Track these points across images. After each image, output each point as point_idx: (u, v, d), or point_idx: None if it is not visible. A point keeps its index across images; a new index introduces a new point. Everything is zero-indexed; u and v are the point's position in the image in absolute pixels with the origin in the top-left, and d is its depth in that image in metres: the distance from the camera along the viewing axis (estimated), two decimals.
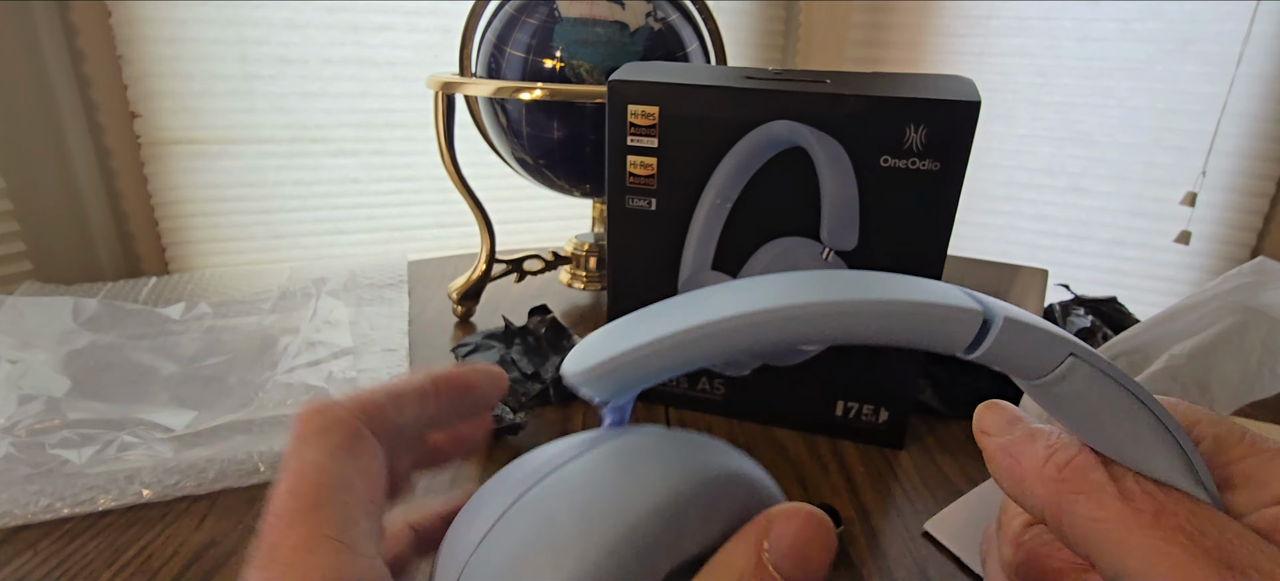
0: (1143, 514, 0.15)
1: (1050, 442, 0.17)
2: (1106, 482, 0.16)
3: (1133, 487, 0.16)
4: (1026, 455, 0.18)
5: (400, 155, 1.12)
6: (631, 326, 0.17)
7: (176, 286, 0.68)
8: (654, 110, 0.42)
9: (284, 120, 1.02)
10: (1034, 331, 0.15)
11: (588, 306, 0.69)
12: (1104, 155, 1.27)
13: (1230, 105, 1.16)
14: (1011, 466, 0.18)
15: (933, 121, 0.38)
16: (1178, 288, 1.30)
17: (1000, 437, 0.18)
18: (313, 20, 0.98)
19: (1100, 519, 0.15)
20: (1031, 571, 0.19)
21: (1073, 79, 1.24)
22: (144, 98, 0.93)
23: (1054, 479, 0.17)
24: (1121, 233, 1.30)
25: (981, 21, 1.26)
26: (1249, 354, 0.45)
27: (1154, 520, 0.15)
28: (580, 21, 0.56)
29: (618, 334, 0.17)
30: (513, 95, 0.56)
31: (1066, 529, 0.16)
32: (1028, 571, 0.19)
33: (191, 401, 0.48)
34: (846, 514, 0.40)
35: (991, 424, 0.19)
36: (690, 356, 0.16)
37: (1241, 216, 1.24)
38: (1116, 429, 0.16)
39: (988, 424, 0.19)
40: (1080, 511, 0.16)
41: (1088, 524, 0.16)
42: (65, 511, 0.38)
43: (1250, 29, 1.11)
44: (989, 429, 0.19)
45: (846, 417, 0.47)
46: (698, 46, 0.61)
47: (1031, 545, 0.19)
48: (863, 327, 0.15)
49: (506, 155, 0.65)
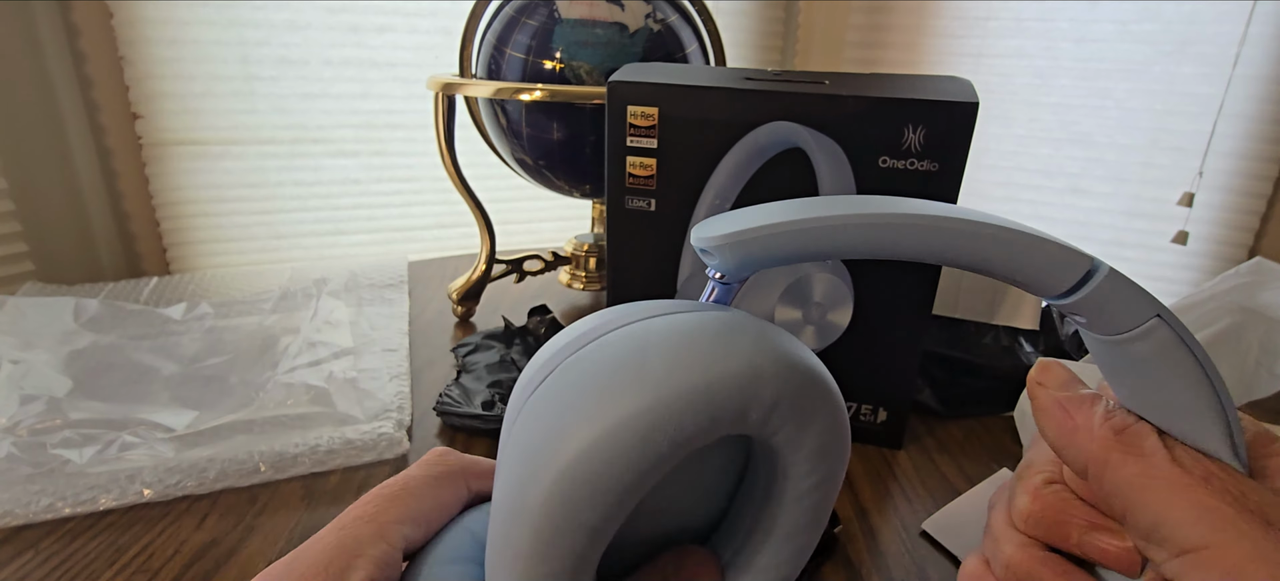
0: (1193, 475, 0.16)
1: (1108, 407, 0.18)
2: (1160, 449, 0.17)
3: (1183, 456, 0.16)
4: (1081, 412, 0.18)
5: (401, 156, 1.12)
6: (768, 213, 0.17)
7: (177, 287, 0.68)
8: (653, 111, 0.42)
9: (285, 121, 1.02)
10: (1132, 287, 0.16)
11: (588, 307, 0.69)
12: (1102, 156, 1.27)
13: (1227, 106, 1.17)
14: (1064, 419, 0.19)
15: (931, 122, 0.38)
16: (1175, 288, 1.30)
17: (1057, 392, 0.19)
18: (314, 22, 0.99)
19: (1151, 476, 0.16)
20: (1045, 521, 0.20)
21: (1070, 80, 1.24)
22: (145, 99, 0.93)
23: (1109, 437, 0.17)
24: (1119, 233, 1.30)
25: (980, 23, 1.26)
26: (1246, 353, 0.45)
27: (1204, 481, 0.16)
28: (580, 23, 0.56)
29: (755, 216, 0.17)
30: (513, 96, 0.56)
31: (1108, 482, 0.17)
32: (1041, 521, 0.20)
33: (192, 401, 0.48)
34: (845, 513, 0.41)
35: (1049, 378, 0.20)
36: (832, 245, 0.16)
37: (1239, 217, 1.24)
38: (1175, 396, 0.17)
39: (1046, 378, 0.20)
40: (1131, 467, 0.17)
41: (1136, 478, 0.17)
42: (67, 511, 0.38)
43: (1247, 30, 1.12)
44: (1047, 381, 0.20)
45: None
46: (697, 48, 0.62)
47: (1048, 497, 0.20)
48: (983, 251, 0.16)
49: (506, 156, 0.65)
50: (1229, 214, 1.24)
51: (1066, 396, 0.19)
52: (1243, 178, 1.22)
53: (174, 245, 1.02)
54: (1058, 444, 0.19)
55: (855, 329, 0.44)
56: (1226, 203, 1.24)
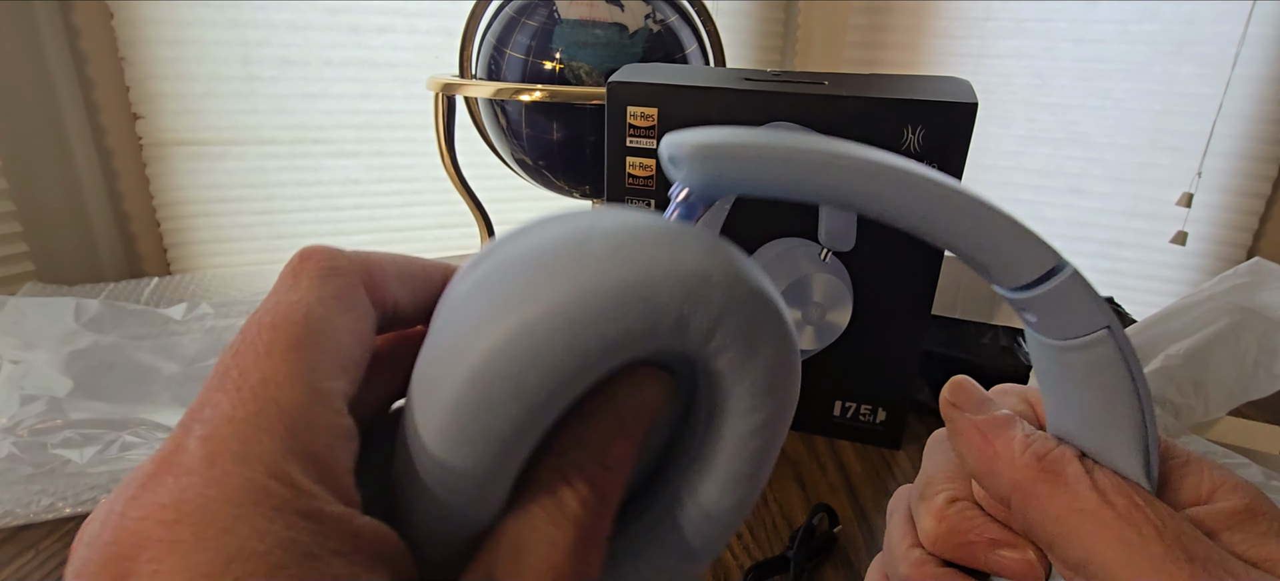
0: (1116, 508, 0.16)
1: (1027, 431, 0.18)
2: (1082, 477, 0.16)
3: (1105, 483, 0.16)
4: (1001, 438, 0.18)
5: (401, 156, 1.12)
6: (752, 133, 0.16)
7: (178, 287, 0.68)
8: (653, 112, 0.42)
9: (286, 121, 1.03)
10: (1090, 294, 0.15)
11: None
12: (1101, 156, 1.27)
13: (1226, 106, 1.17)
14: (983, 445, 0.18)
15: (930, 123, 0.38)
16: (1174, 288, 1.30)
17: (974, 415, 0.19)
18: (314, 22, 0.99)
19: (1077, 510, 0.16)
20: (951, 542, 0.19)
21: (1070, 80, 1.24)
22: (146, 99, 0.93)
23: (1031, 466, 0.17)
24: (1118, 233, 1.31)
25: (979, 23, 1.26)
26: (1245, 354, 0.45)
27: (1128, 515, 0.16)
28: (580, 23, 0.56)
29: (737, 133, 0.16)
30: (512, 97, 0.56)
31: (1034, 514, 0.17)
32: (948, 542, 0.19)
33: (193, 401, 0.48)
34: (845, 513, 0.41)
35: (963, 399, 0.19)
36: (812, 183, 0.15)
37: (1238, 217, 1.24)
38: (1104, 412, 0.16)
39: (960, 398, 0.19)
40: (1057, 500, 0.16)
41: (1063, 513, 0.16)
42: (67, 511, 0.38)
43: (1246, 31, 1.12)
44: (960, 402, 0.19)
45: (844, 417, 0.47)
46: (697, 48, 0.62)
47: (953, 518, 0.19)
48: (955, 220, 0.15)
49: (506, 156, 0.65)
50: (1228, 214, 1.24)
51: (984, 420, 0.19)
52: (1242, 178, 1.22)
53: (174, 245, 1.02)
54: (978, 471, 0.19)
55: (855, 328, 0.44)
56: (1225, 203, 1.24)
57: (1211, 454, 0.43)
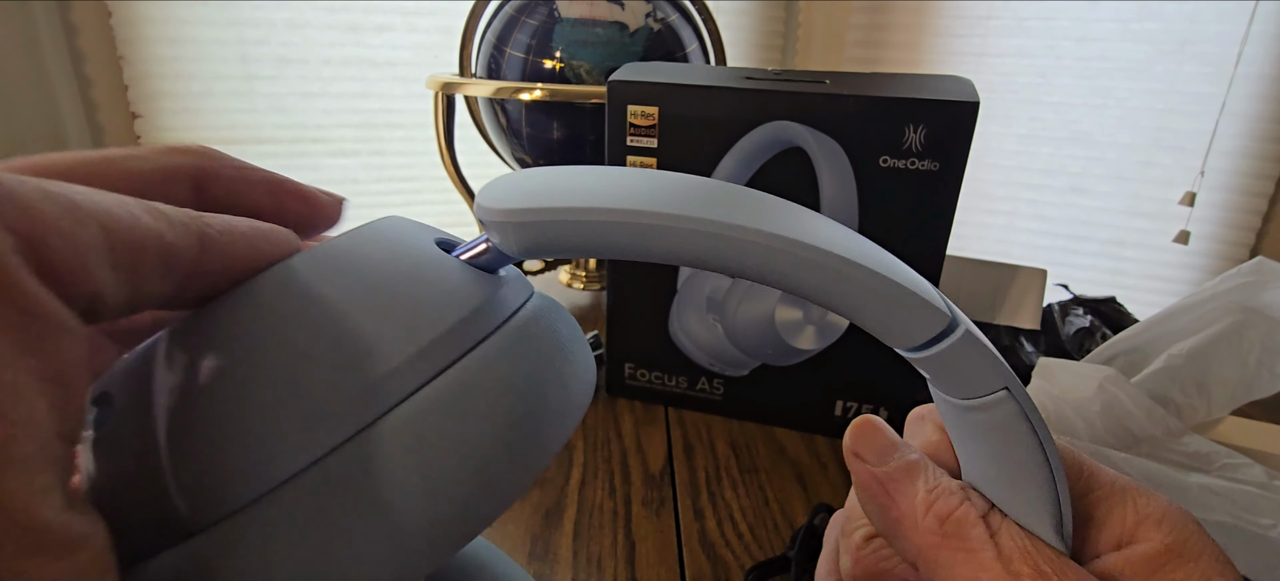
0: (1021, 576, 0.15)
1: (930, 486, 0.17)
2: (986, 542, 0.16)
3: (1008, 544, 0.16)
4: (904, 496, 0.17)
5: (400, 156, 1.12)
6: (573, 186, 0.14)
7: None
8: (653, 110, 0.42)
9: (284, 120, 1.02)
10: (986, 354, 0.14)
11: (588, 306, 0.69)
12: (1103, 155, 1.27)
13: (1229, 105, 1.16)
14: (887, 505, 0.17)
15: (932, 122, 0.38)
16: (1176, 287, 1.30)
17: (876, 467, 0.18)
18: (313, 21, 0.99)
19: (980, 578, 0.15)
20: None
21: (1072, 79, 1.24)
22: (144, 98, 0.93)
23: (934, 531, 0.16)
24: (1120, 232, 1.30)
25: (981, 22, 1.26)
26: (1247, 353, 0.45)
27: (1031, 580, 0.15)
28: (580, 22, 0.56)
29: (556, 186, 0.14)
30: (512, 95, 0.56)
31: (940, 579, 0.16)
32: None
33: None
34: None
35: (866, 448, 0.18)
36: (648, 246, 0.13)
37: (1240, 216, 1.24)
38: (1010, 469, 0.16)
39: (862, 447, 0.18)
40: (960, 568, 0.16)
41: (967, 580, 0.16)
42: None
43: (1249, 29, 1.11)
44: (864, 454, 0.18)
45: (846, 417, 0.47)
46: (697, 47, 0.61)
47: (870, 560, 0.19)
48: (828, 287, 0.13)
49: (506, 156, 0.65)
50: (1231, 213, 1.24)
51: (886, 473, 0.17)
52: (1244, 177, 1.21)
53: None
54: (884, 532, 0.18)
55: (856, 328, 0.43)
56: (1228, 202, 1.24)
57: (1214, 454, 0.42)
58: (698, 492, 0.42)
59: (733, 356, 0.47)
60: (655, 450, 0.46)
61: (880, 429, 0.18)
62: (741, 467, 0.45)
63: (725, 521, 0.40)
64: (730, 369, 0.48)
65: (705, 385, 0.49)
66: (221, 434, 0.12)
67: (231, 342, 0.12)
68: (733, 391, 0.48)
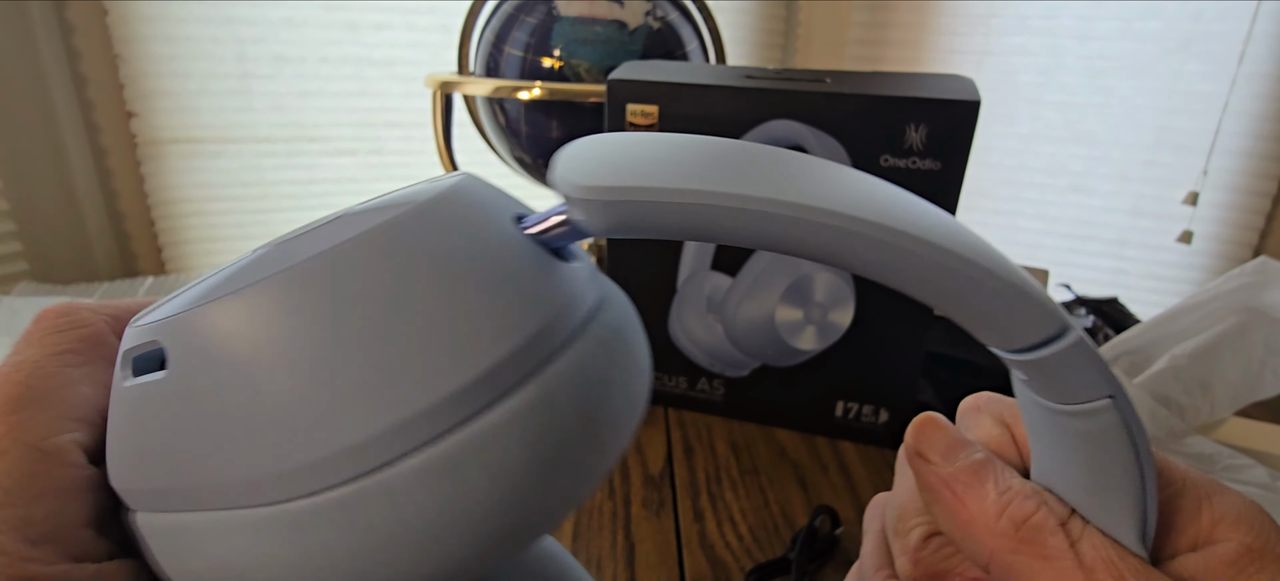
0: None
1: (1002, 487, 0.16)
2: (1065, 550, 0.15)
3: (1090, 554, 0.15)
4: (974, 498, 0.16)
5: (398, 154, 1.11)
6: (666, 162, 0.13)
7: (173, 286, 0.68)
8: (653, 109, 0.41)
9: (281, 119, 1.02)
10: (1094, 362, 0.14)
11: None
12: (1105, 154, 1.26)
13: (1232, 104, 1.16)
14: (957, 507, 0.16)
15: (933, 121, 0.37)
16: (1180, 287, 1.29)
17: (942, 468, 0.17)
18: (310, 19, 0.98)
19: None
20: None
21: (1074, 78, 1.24)
22: (141, 96, 0.92)
23: (1009, 535, 0.15)
24: (1123, 232, 1.30)
25: (982, 21, 1.25)
26: (1251, 354, 0.45)
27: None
28: (579, 20, 0.56)
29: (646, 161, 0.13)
30: (511, 94, 0.55)
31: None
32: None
33: None
34: (846, 515, 0.40)
35: (930, 447, 0.17)
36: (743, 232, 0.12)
37: (1244, 216, 1.23)
38: (1099, 477, 0.15)
39: (926, 446, 0.17)
40: (1037, 578, 0.15)
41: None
42: None
43: (1252, 28, 1.11)
44: (929, 453, 0.17)
45: (846, 418, 0.46)
46: (697, 45, 0.61)
47: (932, 560, 0.18)
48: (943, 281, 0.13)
49: (505, 154, 0.64)
50: (1234, 213, 1.24)
51: (954, 474, 0.16)
52: (1248, 177, 1.21)
53: (169, 244, 1.02)
54: (952, 534, 0.17)
55: (857, 328, 0.43)
56: (1232, 202, 1.23)
57: (1217, 456, 0.42)
58: (697, 494, 0.42)
59: (733, 357, 0.47)
60: (655, 451, 0.46)
61: (943, 426, 0.17)
62: (741, 468, 0.44)
63: (725, 522, 0.40)
64: (730, 369, 0.47)
65: (705, 385, 0.48)
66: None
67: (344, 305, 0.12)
68: (733, 392, 0.48)
